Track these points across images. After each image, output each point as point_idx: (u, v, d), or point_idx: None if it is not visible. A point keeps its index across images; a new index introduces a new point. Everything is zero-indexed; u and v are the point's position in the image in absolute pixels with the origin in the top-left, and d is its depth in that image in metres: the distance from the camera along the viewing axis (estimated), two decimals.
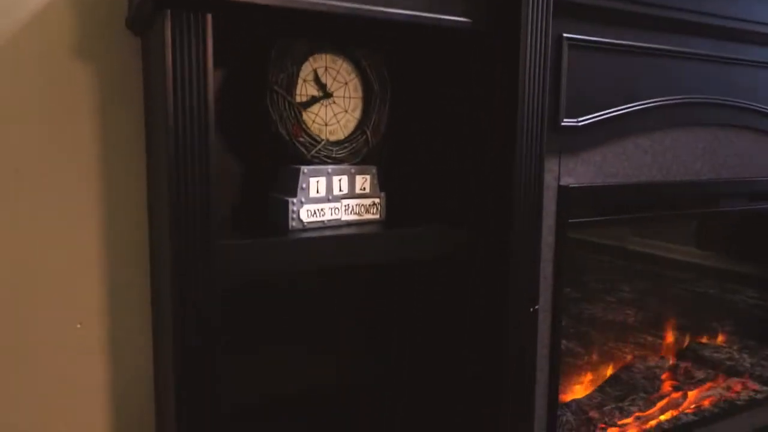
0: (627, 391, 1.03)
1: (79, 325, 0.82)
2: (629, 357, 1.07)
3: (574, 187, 0.85)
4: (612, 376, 1.04)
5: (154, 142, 0.74)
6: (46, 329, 0.80)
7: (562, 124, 0.83)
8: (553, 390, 0.87)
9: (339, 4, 0.66)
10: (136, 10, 0.68)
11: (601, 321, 1.06)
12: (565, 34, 0.82)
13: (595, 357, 1.05)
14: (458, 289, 0.87)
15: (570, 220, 0.86)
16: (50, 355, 0.81)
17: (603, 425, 0.99)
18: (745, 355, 1.18)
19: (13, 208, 0.76)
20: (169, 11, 0.56)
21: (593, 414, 0.98)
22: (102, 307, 0.83)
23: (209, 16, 0.59)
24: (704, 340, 1.19)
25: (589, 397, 1.01)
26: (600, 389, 1.03)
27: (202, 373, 0.62)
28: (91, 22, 0.79)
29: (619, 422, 1.01)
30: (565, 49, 0.82)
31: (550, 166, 0.84)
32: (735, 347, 1.20)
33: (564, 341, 0.96)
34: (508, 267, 0.80)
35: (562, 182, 0.85)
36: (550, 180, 0.84)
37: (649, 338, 1.11)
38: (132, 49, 0.81)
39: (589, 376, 1.04)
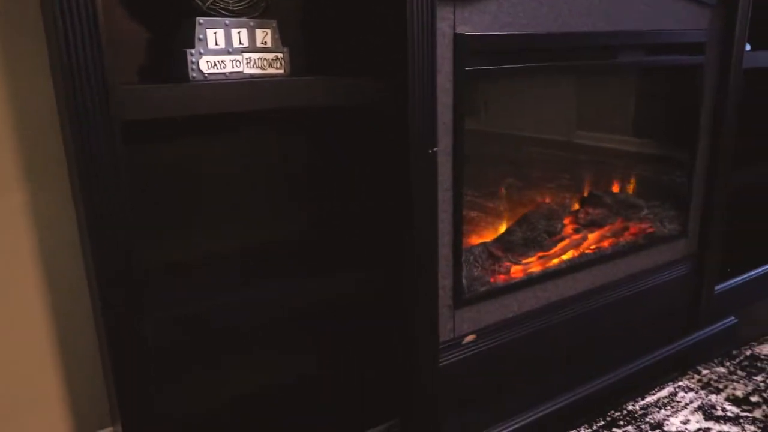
0: (532, 233, 1.09)
1: None
2: (535, 203, 1.12)
3: (469, 35, 0.85)
4: (518, 220, 1.09)
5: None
6: None
7: None
8: (458, 228, 0.91)
9: None
10: None
11: (512, 168, 1.09)
12: None
13: (502, 204, 1.09)
14: (369, 135, 0.89)
15: (466, 68, 0.86)
16: None
17: (508, 263, 1.05)
18: (639, 201, 1.24)
19: None
20: None
21: (498, 253, 1.03)
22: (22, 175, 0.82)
23: None
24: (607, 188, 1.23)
25: (496, 239, 1.06)
26: (507, 232, 1.08)
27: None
28: None
29: (523, 261, 1.07)
30: None
31: (445, 15, 0.83)
32: (639, 200, 1.25)
33: (472, 190, 1.00)
34: (406, 111, 0.81)
35: (458, 30, 0.84)
36: (445, 28, 0.83)
37: (555, 187, 1.16)
38: None
39: (495, 221, 1.09)
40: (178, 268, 0.86)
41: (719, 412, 1.08)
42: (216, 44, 0.76)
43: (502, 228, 1.08)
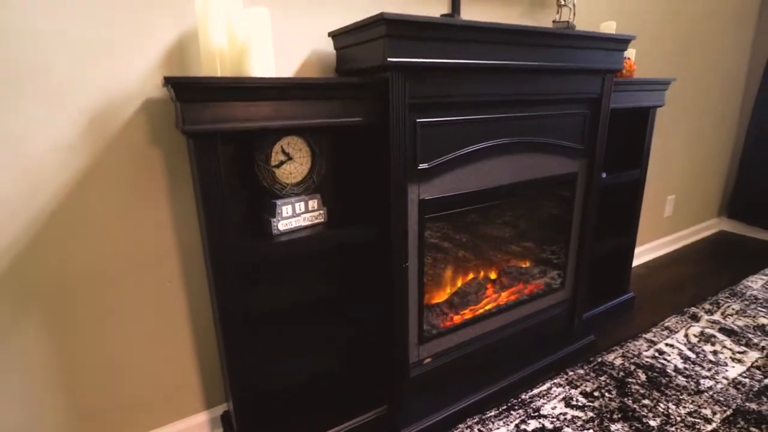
0: (466, 296, 1.34)
1: (168, 283, 1.07)
2: (469, 278, 1.35)
3: (426, 199, 1.09)
4: (459, 289, 1.33)
5: (198, 193, 0.96)
6: (154, 285, 1.05)
7: (419, 167, 1.05)
8: (421, 300, 1.16)
9: (289, 123, 0.87)
10: (177, 125, 0.88)
11: (453, 261, 1.30)
12: (417, 120, 1.02)
13: (448, 281, 1.31)
14: (368, 256, 1.14)
15: (426, 216, 1.11)
16: (156, 298, 1.06)
17: (452, 314, 1.30)
18: (535, 271, 1.48)
19: (136, 223, 0.99)
20: (192, 140, 0.78)
21: (446, 309, 1.29)
22: (181, 273, 1.08)
23: (218, 136, 0.80)
24: (515, 264, 1.46)
25: (444, 300, 1.31)
26: (453, 295, 1.32)
27: (232, 301, 0.89)
28: (158, 125, 0.96)
29: (461, 312, 1.33)
30: (418, 127, 1.02)
31: (413, 189, 1.07)
32: (535, 270, 1.49)
33: (431, 274, 1.25)
34: (390, 243, 1.06)
35: (421, 197, 1.09)
36: (413, 197, 1.08)
37: (480, 268, 1.38)
38: (180, 138, 1.00)
39: (445, 291, 1.29)
40: None
41: (574, 402, 1.31)
42: (287, 213, 1.01)
43: (448, 294, 1.31)
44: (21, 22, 0.80)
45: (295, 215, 1.02)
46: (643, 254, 2.38)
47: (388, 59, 0.90)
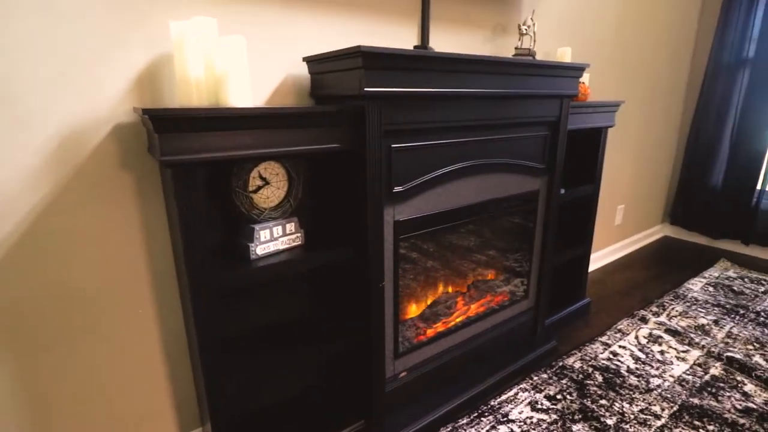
0: (439, 309, 1.40)
1: (140, 311, 1.05)
2: (440, 292, 1.41)
3: (401, 220, 1.14)
4: (431, 303, 1.38)
5: (171, 216, 0.96)
6: (125, 312, 1.03)
7: (394, 190, 1.10)
8: (396, 316, 1.21)
9: (268, 151, 0.89)
10: (149, 151, 0.88)
11: (426, 277, 1.36)
12: (392, 145, 1.06)
13: (421, 296, 1.37)
14: (346, 277, 1.17)
15: (400, 236, 1.15)
16: (127, 322, 1.04)
17: (425, 328, 1.36)
18: (501, 282, 1.57)
19: (106, 246, 0.96)
20: (169, 169, 0.78)
21: (419, 323, 1.34)
22: (153, 299, 1.06)
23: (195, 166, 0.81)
24: (483, 277, 1.54)
25: (418, 315, 1.36)
26: (426, 309, 1.37)
27: (211, 325, 0.90)
28: (128, 149, 0.95)
29: (434, 325, 1.39)
30: (393, 152, 1.06)
31: (388, 211, 1.12)
32: (501, 281, 1.58)
33: (405, 290, 1.29)
34: (367, 263, 1.09)
35: (396, 219, 1.13)
36: (389, 219, 1.12)
37: (450, 282, 1.45)
38: (152, 162, 0.99)
39: (418, 305, 1.34)
40: None
41: (539, 405, 1.40)
42: (265, 237, 1.02)
43: (421, 308, 1.36)
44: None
45: (272, 239, 1.03)
46: (597, 260, 2.55)
47: (365, 89, 0.94)
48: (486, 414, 1.36)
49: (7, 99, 0.81)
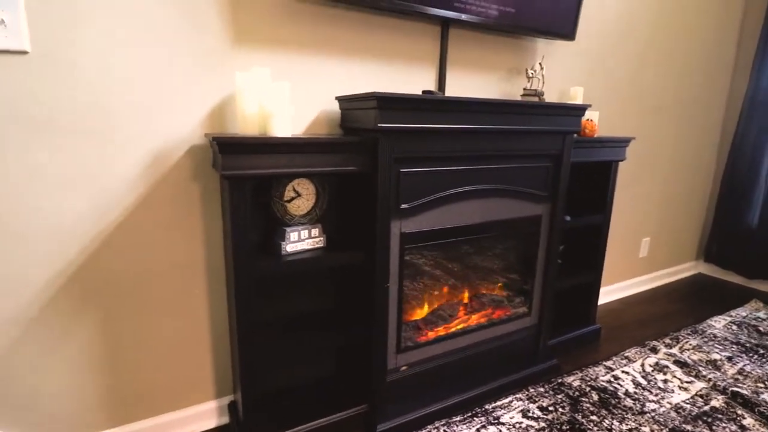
0: (441, 315, 1.57)
1: (197, 291, 1.33)
2: (443, 300, 1.58)
3: (407, 232, 1.34)
4: (435, 308, 1.56)
5: (225, 217, 1.23)
6: (186, 291, 1.31)
7: (401, 207, 1.31)
8: (400, 315, 1.40)
9: (302, 170, 1.15)
10: (213, 166, 1.17)
11: (430, 285, 1.52)
12: (401, 169, 1.28)
13: (425, 302, 1.54)
14: (359, 277, 1.39)
15: (406, 246, 1.36)
16: (185, 301, 1.32)
17: (426, 330, 1.54)
18: (503, 298, 1.71)
19: (176, 239, 1.26)
20: (227, 181, 1.06)
21: (422, 325, 1.52)
22: (206, 284, 1.34)
23: (246, 179, 1.07)
24: (486, 290, 1.70)
25: (421, 318, 1.54)
26: (429, 314, 1.55)
27: (248, 309, 1.15)
28: (198, 166, 1.25)
29: (435, 329, 1.56)
30: (401, 175, 1.28)
31: (395, 224, 1.33)
32: (503, 297, 1.72)
33: (410, 294, 1.49)
34: (375, 267, 1.30)
35: (402, 230, 1.34)
36: (396, 231, 1.33)
37: (454, 291, 1.62)
38: (215, 177, 1.29)
39: (422, 309, 1.51)
40: None
41: (531, 414, 1.51)
42: (294, 239, 1.27)
43: (425, 312, 1.54)
44: (118, 90, 1.11)
45: (300, 240, 1.28)
46: (618, 291, 2.58)
47: (378, 125, 1.19)
48: (479, 415, 1.50)
49: (123, 124, 1.14)
